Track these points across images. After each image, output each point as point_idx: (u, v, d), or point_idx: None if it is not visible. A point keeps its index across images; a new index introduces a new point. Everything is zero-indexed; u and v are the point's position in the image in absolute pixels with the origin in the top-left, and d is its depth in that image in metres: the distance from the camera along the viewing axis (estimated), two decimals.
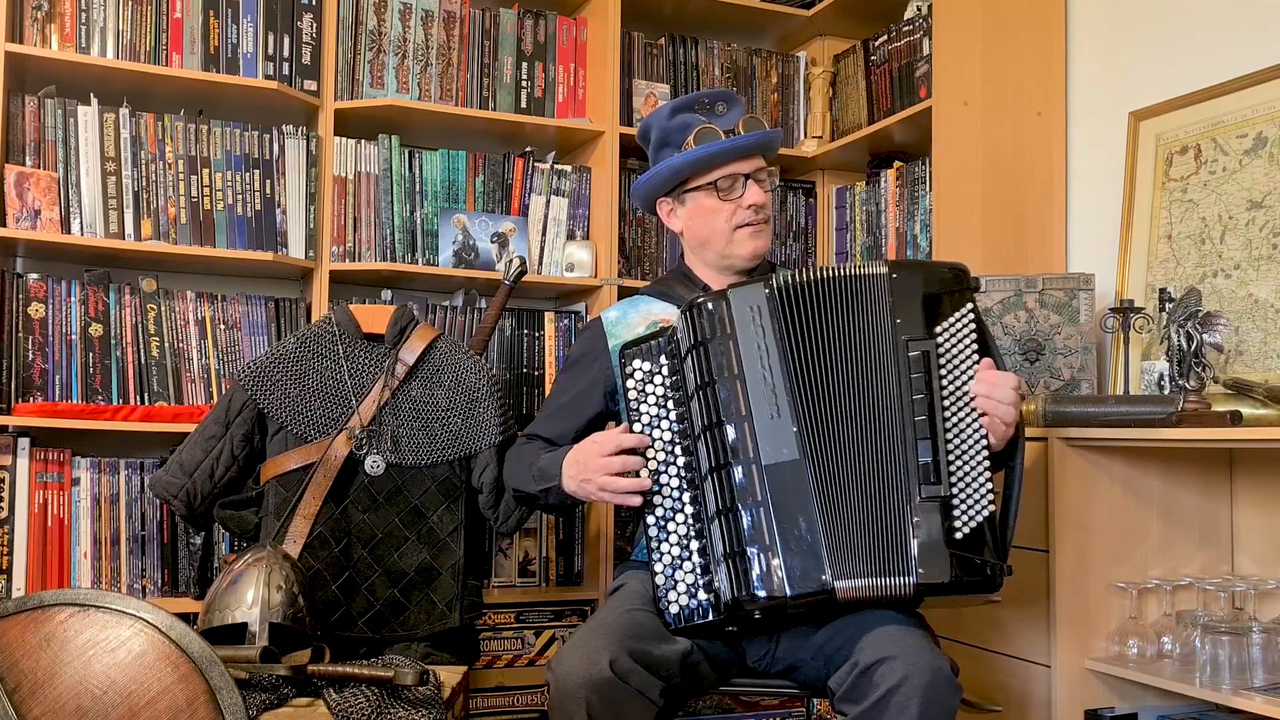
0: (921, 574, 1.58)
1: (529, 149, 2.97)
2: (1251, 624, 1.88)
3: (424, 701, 1.66)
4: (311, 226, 2.70)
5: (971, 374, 1.65)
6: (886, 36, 2.96)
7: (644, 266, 3.02)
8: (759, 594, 1.59)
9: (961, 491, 1.61)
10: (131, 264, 2.64)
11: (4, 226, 2.41)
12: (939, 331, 1.66)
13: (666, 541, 1.70)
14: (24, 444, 2.41)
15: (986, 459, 1.63)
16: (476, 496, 2.23)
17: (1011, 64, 2.63)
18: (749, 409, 1.64)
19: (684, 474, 1.71)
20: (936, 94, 2.67)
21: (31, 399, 2.45)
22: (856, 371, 1.66)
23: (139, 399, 2.54)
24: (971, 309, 1.68)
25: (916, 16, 2.86)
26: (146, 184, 2.57)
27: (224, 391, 2.28)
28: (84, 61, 2.49)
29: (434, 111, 2.78)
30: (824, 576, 1.59)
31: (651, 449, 1.73)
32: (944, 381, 1.64)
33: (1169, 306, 2.15)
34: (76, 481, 2.47)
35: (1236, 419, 1.86)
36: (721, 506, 1.64)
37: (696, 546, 1.68)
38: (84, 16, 2.54)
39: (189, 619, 1.58)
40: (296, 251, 2.68)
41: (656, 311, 1.96)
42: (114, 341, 2.53)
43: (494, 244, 2.84)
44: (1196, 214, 2.32)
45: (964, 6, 2.64)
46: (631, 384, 1.76)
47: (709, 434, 1.66)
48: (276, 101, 2.68)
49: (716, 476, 1.65)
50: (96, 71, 2.52)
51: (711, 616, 1.66)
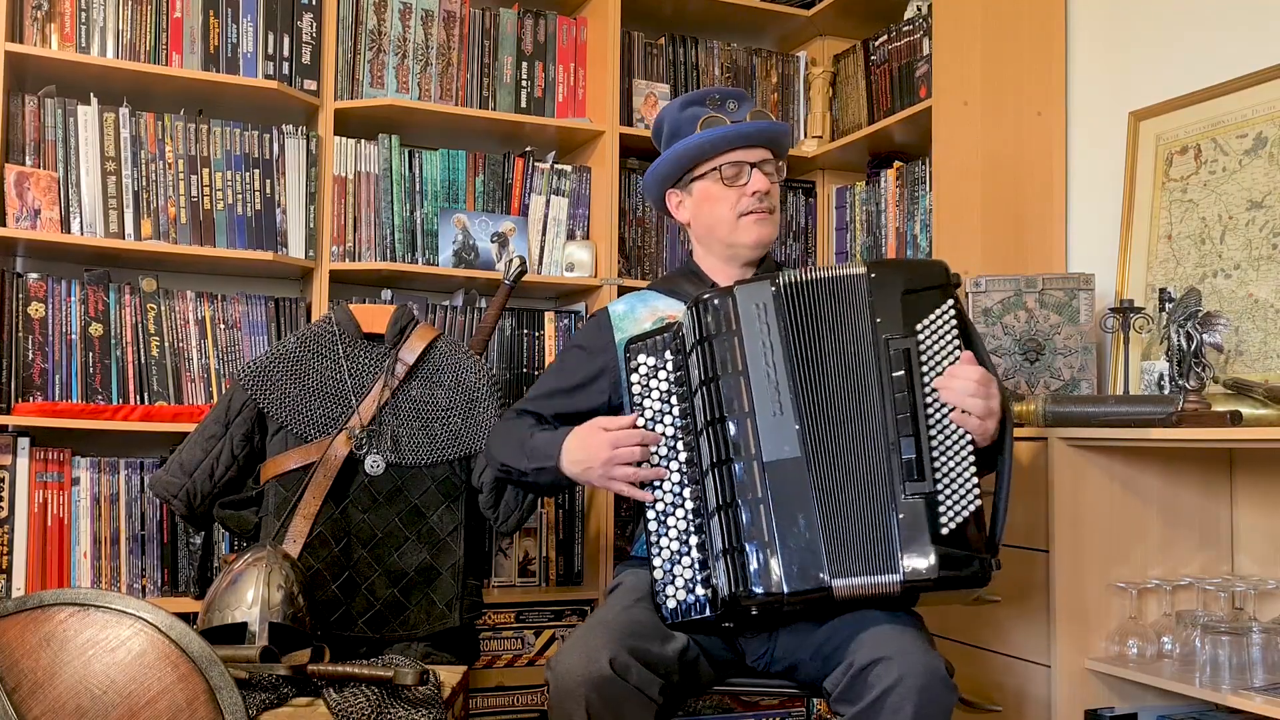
0: (908, 571, 1.58)
1: (529, 149, 2.97)
2: (1251, 624, 1.88)
3: (424, 701, 1.66)
4: (311, 226, 2.70)
5: None
6: (886, 36, 2.96)
7: (644, 266, 3.02)
8: (756, 590, 1.59)
9: (946, 487, 1.61)
10: (131, 264, 2.64)
11: (4, 226, 2.41)
12: (920, 329, 1.66)
13: (666, 536, 1.71)
14: (24, 444, 2.41)
15: (972, 454, 1.63)
16: (476, 496, 2.23)
17: (1011, 64, 2.63)
18: (752, 405, 1.65)
19: (685, 470, 1.71)
20: (936, 94, 2.67)
21: (31, 399, 2.45)
22: (846, 371, 1.67)
23: (139, 399, 2.54)
24: (953, 305, 1.68)
25: (916, 16, 2.86)
26: (146, 184, 2.57)
27: (224, 391, 2.28)
28: (84, 61, 2.49)
29: (434, 111, 2.78)
30: (821, 575, 1.59)
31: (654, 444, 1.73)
32: (926, 378, 1.65)
33: (1169, 306, 2.15)
34: (76, 481, 2.47)
35: (1236, 419, 1.86)
36: (722, 502, 1.64)
37: (696, 542, 1.68)
38: (84, 16, 2.53)
39: (189, 619, 1.58)
40: (296, 251, 2.68)
41: (663, 308, 1.96)
42: (114, 341, 2.53)
43: (494, 244, 2.84)
44: (1196, 214, 2.32)
45: (964, 6, 2.64)
46: (635, 378, 1.77)
47: (711, 429, 1.66)
48: (276, 101, 2.68)
49: (717, 472, 1.65)
50: (96, 71, 2.52)
51: (709, 612, 1.66)
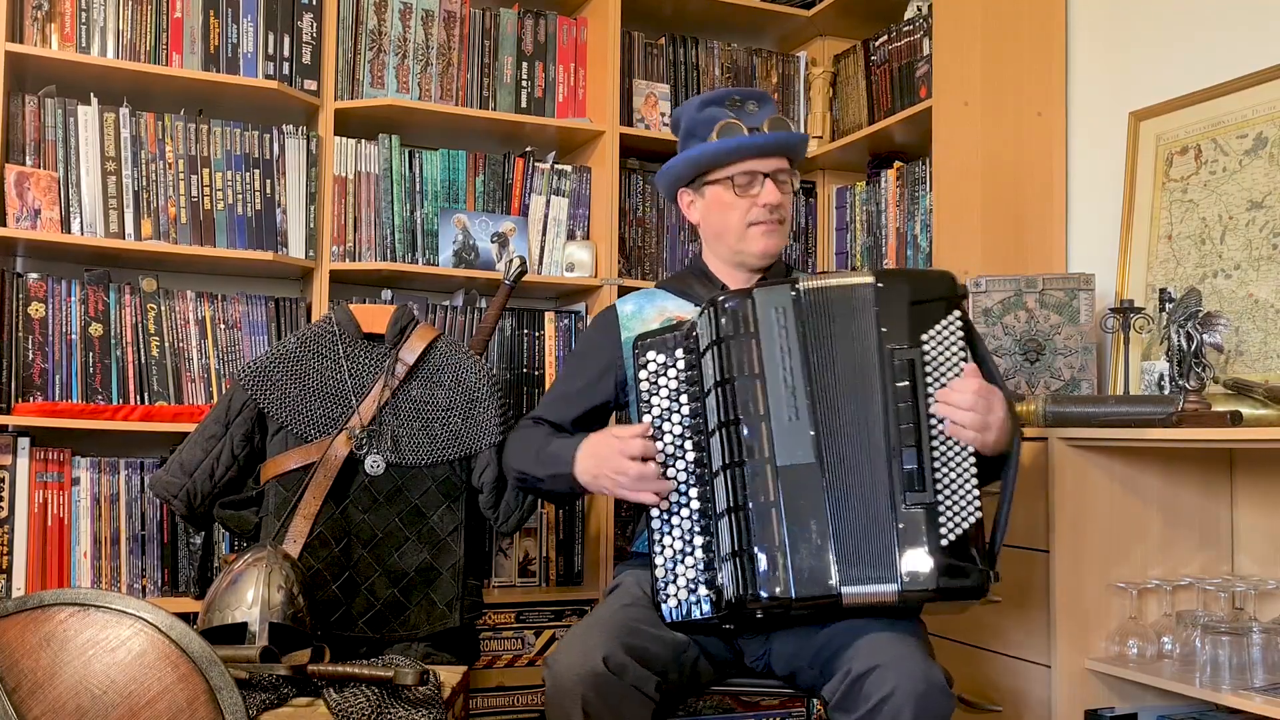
0: (905, 581, 1.58)
1: (529, 149, 2.97)
2: (1251, 624, 1.88)
3: (424, 701, 1.66)
4: (311, 226, 2.70)
5: None
6: (886, 36, 2.96)
7: (644, 266, 3.02)
8: (763, 594, 1.59)
9: (947, 498, 1.60)
10: (131, 264, 2.64)
11: (4, 226, 2.41)
12: (925, 340, 1.65)
13: (669, 535, 1.70)
14: (24, 444, 2.41)
15: (974, 465, 1.63)
16: (477, 496, 2.23)
17: (1011, 64, 2.63)
18: (768, 409, 1.64)
19: (692, 469, 1.70)
20: (936, 94, 2.67)
21: (31, 399, 2.45)
22: (852, 379, 1.66)
23: (139, 399, 2.54)
24: (959, 316, 1.67)
25: (916, 16, 2.86)
26: (146, 184, 2.57)
27: (224, 391, 2.28)
28: (84, 61, 2.49)
29: (434, 111, 2.78)
30: (830, 581, 1.58)
31: (660, 441, 1.72)
32: (930, 389, 1.64)
33: (1169, 307, 2.15)
34: (76, 481, 2.47)
35: (1236, 419, 1.86)
36: (732, 504, 1.63)
37: (700, 542, 1.68)
38: (84, 16, 2.53)
39: (189, 619, 1.58)
40: (296, 251, 2.68)
41: (672, 309, 1.96)
42: (114, 341, 2.53)
43: (494, 244, 2.84)
44: (1196, 214, 2.32)
45: (964, 6, 2.64)
46: (644, 374, 1.75)
47: (724, 430, 1.65)
48: (276, 101, 2.68)
49: (729, 473, 1.64)
50: (96, 71, 2.52)
51: (710, 613, 1.65)
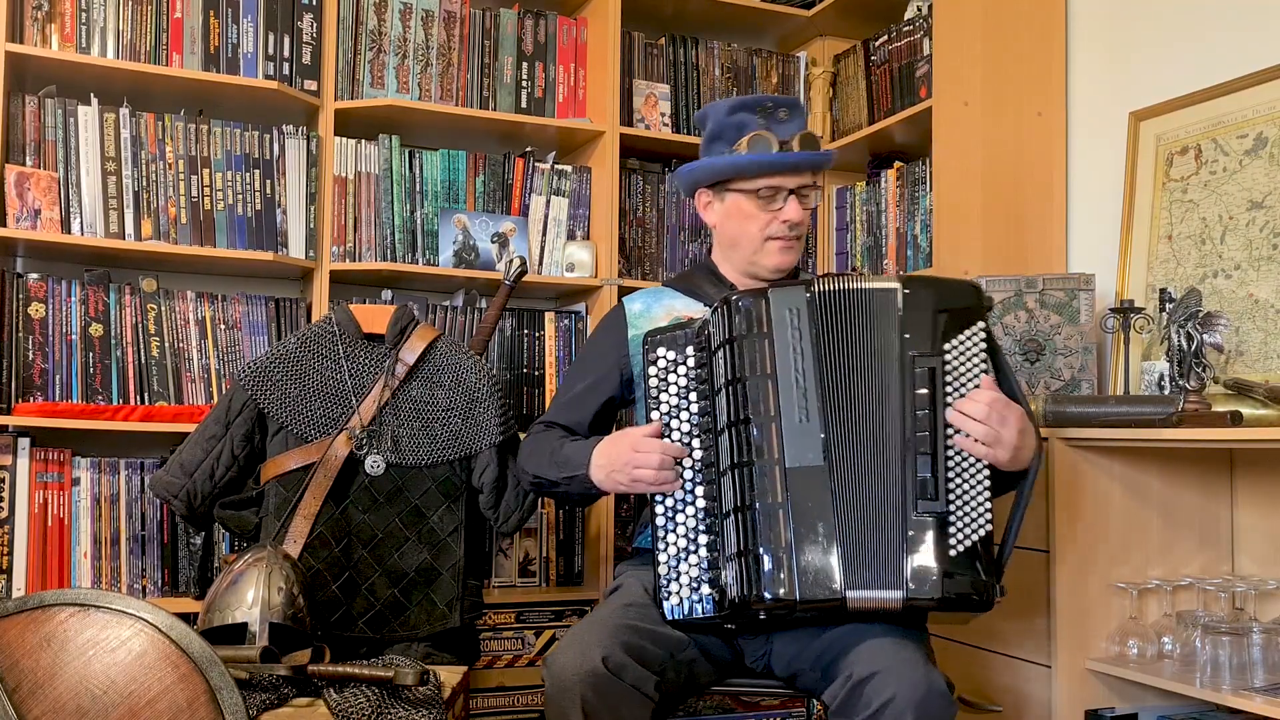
0: (912, 589, 1.57)
1: (529, 149, 2.97)
2: (1252, 624, 1.88)
3: (424, 701, 1.66)
4: (312, 226, 2.70)
5: None
6: (887, 37, 2.96)
7: (644, 266, 3.02)
8: (767, 595, 1.58)
9: (959, 509, 1.60)
10: (131, 264, 2.64)
11: (4, 226, 2.41)
12: (947, 349, 1.65)
13: (673, 533, 1.70)
14: (24, 444, 2.41)
15: (987, 478, 1.62)
16: (477, 496, 2.23)
17: (1011, 64, 2.63)
18: (778, 410, 1.63)
19: (699, 467, 1.70)
20: (937, 94, 2.67)
21: (31, 399, 2.45)
22: (872, 384, 1.65)
23: (139, 399, 2.54)
24: (983, 328, 1.67)
25: (917, 16, 2.86)
26: (146, 184, 2.57)
27: (224, 391, 2.28)
28: (84, 61, 2.49)
29: (434, 111, 2.78)
30: (835, 585, 1.58)
31: (668, 439, 1.72)
32: (949, 399, 1.63)
33: (1169, 307, 2.15)
34: (76, 481, 2.47)
35: (1237, 419, 1.86)
36: (739, 504, 1.62)
37: (705, 541, 1.67)
38: (84, 16, 2.53)
39: (189, 619, 1.58)
40: (297, 251, 2.68)
41: (680, 308, 1.95)
42: (114, 341, 2.53)
43: (494, 244, 2.84)
44: (1197, 214, 2.32)
45: (964, 6, 2.64)
46: (654, 371, 1.75)
47: (733, 430, 1.64)
48: (277, 101, 2.68)
49: (737, 473, 1.63)
50: (96, 71, 2.52)
51: (713, 612, 1.65)
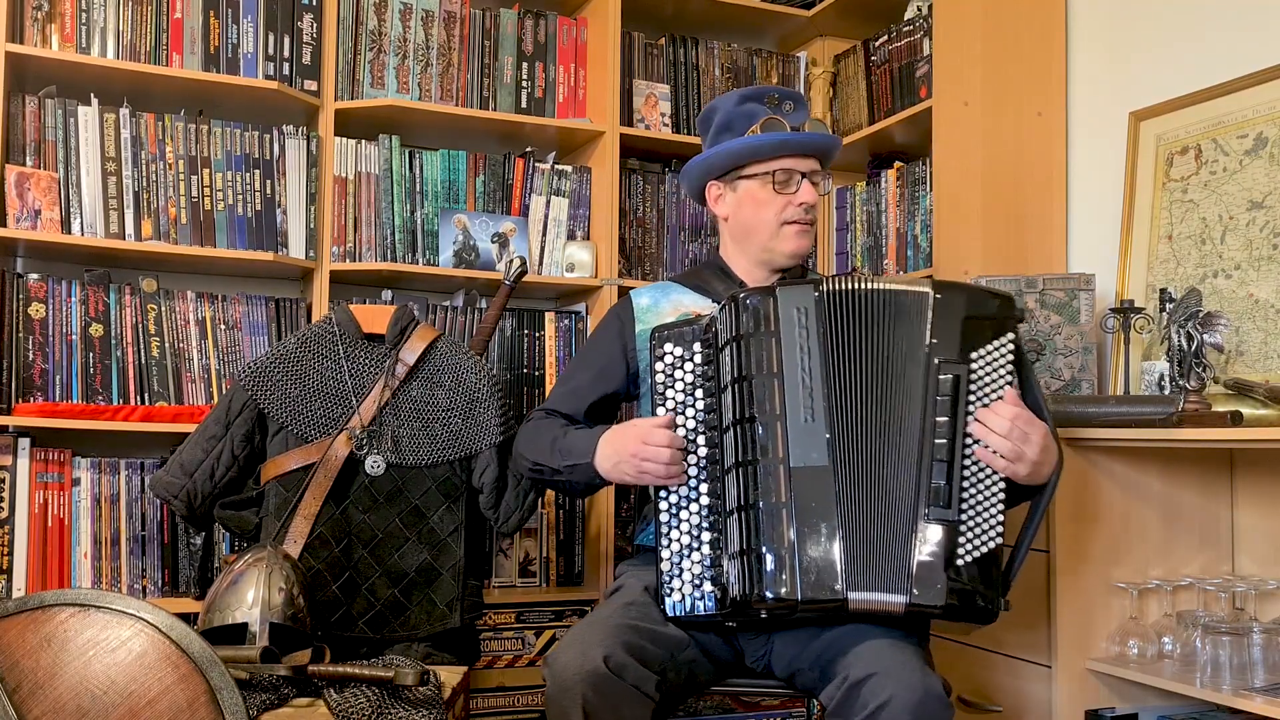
0: (916, 595, 1.57)
1: (529, 149, 2.97)
2: (1252, 624, 1.88)
3: (424, 702, 1.66)
4: (312, 226, 2.70)
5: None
6: (887, 37, 2.96)
7: (644, 266, 3.02)
8: (769, 594, 1.58)
9: (970, 519, 1.60)
10: (132, 264, 2.64)
11: (4, 226, 2.41)
12: (974, 358, 1.64)
13: (677, 529, 1.69)
14: (24, 444, 2.41)
15: (1002, 490, 1.62)
16: (477, 496, 2.23)
17: (1011, 64, 2.63)
18: (784, 409, 1.63)
19: (703, 464, 1.70)
20: (937, 94, 2.67)
21: (32, 399, 2.45)
22: (887, 386, 1.64)
23: (139, 399, 2.54)
24: (1012, 339, 1.66)
25: (917, 17, 2.86)
26: (147, 184, 2.57)
27: (224, 391, 2.28)
28: (84, 61, 2.49)
29: (434, 111, 2.78)
30: (837, 585, 1.57)
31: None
32: (971, 408, 1.62)
33: (1169, 307, 2.15)
34: (77, 482, 2.47)
35: (1237, 419, 1.86)
36: (742, 502, 1.62)
37: (708, 538, 1.67)
38: (84, 17, 2.53)
39: (189, 619, 1.58)
40: (297, 251, 2.68)
41: (688, 303, 1.95)
42: (114, 341, 2.53)
43: (494, 244, 2.84)
44: (1197, 214, 2.32)
45: (964, 6, 2.64)
46: (660, 366, 1.74)
47: (739, 428, 1.64)
48: (277, 101, 2.68)
49: (741, 471, 1.63)
50: (97, 71, 2.51)
51: (714, 610, 1.65)
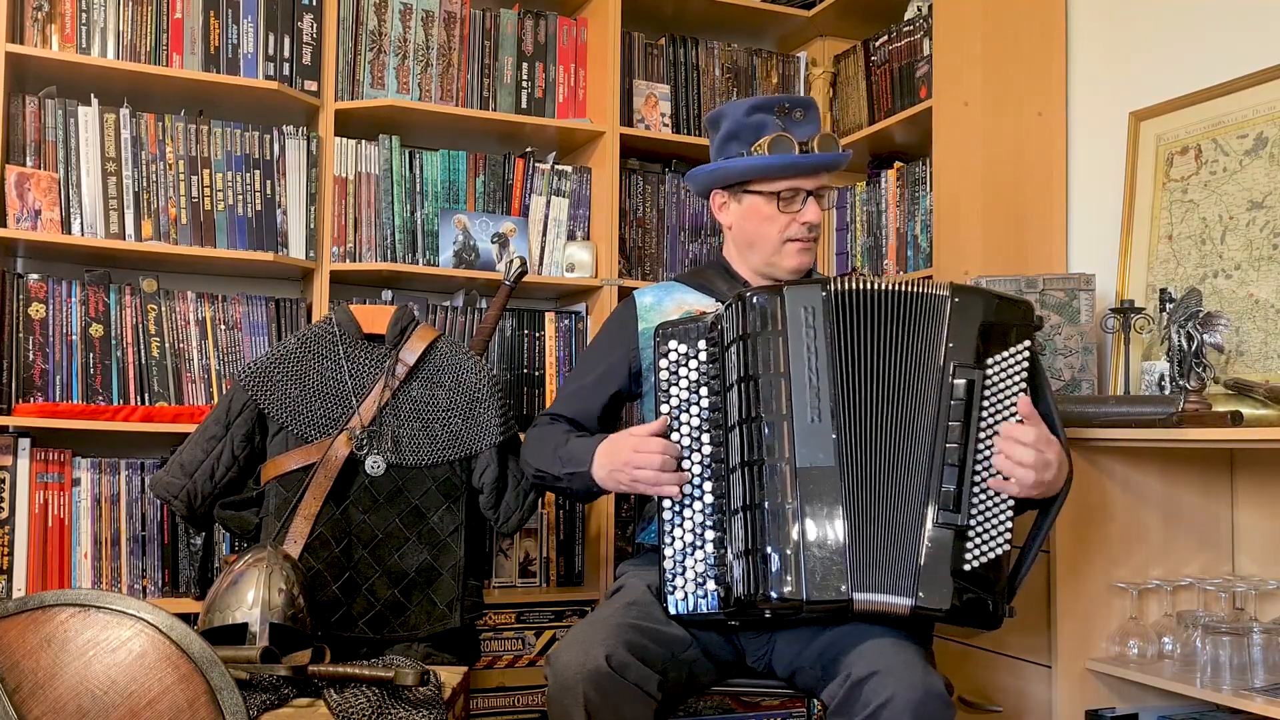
0: (921, 597, 1.57)
1: (529, 149, 2.97)
2: (1252, 624, 1.88)
3: (425, 702, 1.66)
4: (312, 227, 2.70)
5: (1014, 411, 1.63)
6: (887, 37, 2.96)
7: (644, 267, 3.02)
8: (773, 594, 1.58)
9: (979, 525, 1.59)
10: (132, 264, 2.64)
11: (4, 227, 2.41)
12: (990, 363, 1.63)
13: (680, 528, 1.69)
14: (24, 444, 2.41)
15: (1013, 497, 1.62)
16: (477, 497, 2.23)
17: (1011, 64, 2.63)
18: (790, 409, 1.62)
19: (707, 462, 1.69)
20: (937, 94, 2.67)
21: (32, 399, 2.45)
22: (898, 388, 1.64)
23: (139, 399, 2.54)
24: (1028, 347, 1.65)
25: (917, 17, 2.86)
26: (147, 184, 2.57)
27: (224, 392, 2.28)
28: (84, 62, 2.49)
29: (434, 112, 2.78)
30: (842, 586, 1.57)
31: (677, 433, 1.71)
32: (984, 413, 1.62)
33: (1169, 307, 2.15)
34: (77, 482, 2.47)
35: (1237, 419, 1.86)
36: (747, 502, 1.62)
37: (712, 537, 1.66)
38: (84, 17, 2.53)
39: (189, 619, 1.58)
40: (297, 252, 2.68)
41: (692, 302, 1.95)
42: (114, 342, 2.53)
43: (494, 244, 2.84)
44: (1197, 214, 2.32)
45: (964, 7, 2.64)
46: (665, 364, 1.74)
47: (744, 428, 1.63)
48: (277, 102, 2.68)
49: (747, 471, 1.62)
50: (97, 72, 2.52)
51: (717, 609, 1.64)
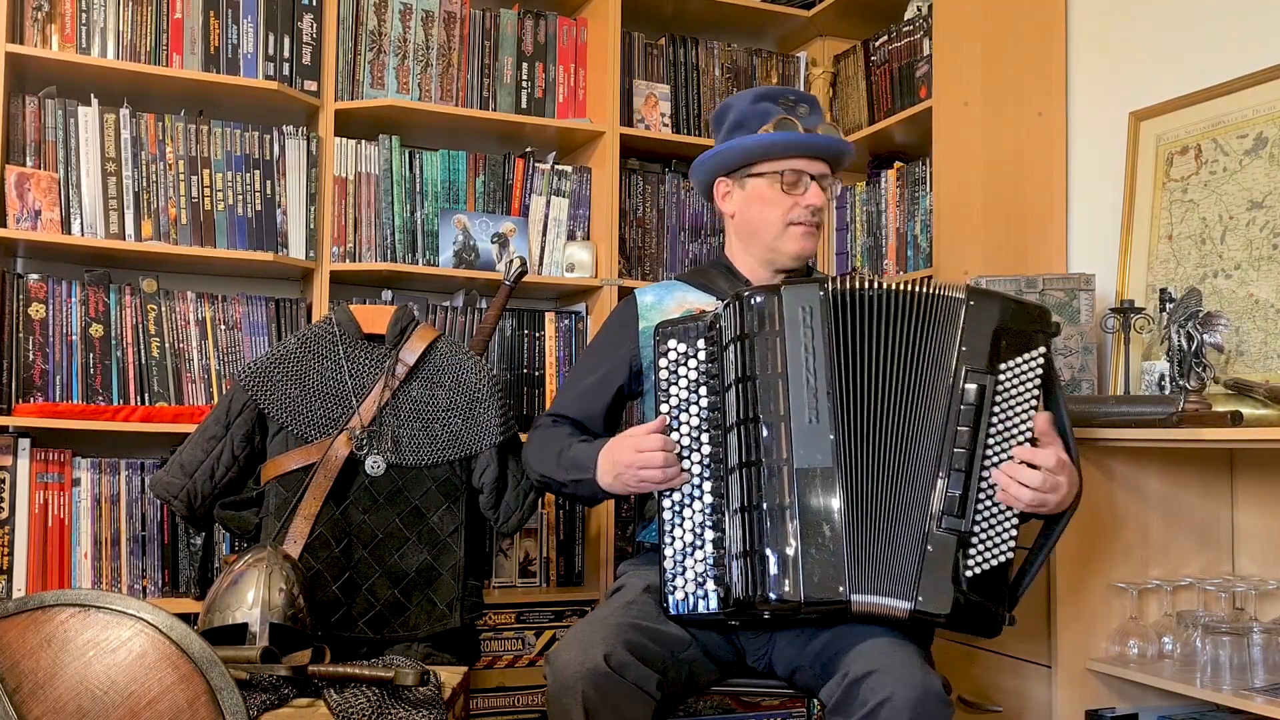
0: (921, 601, 1.57)
1: (529, 149, 2.97)
2: (1252, 624, 1.88)
3: (425, 702, 1.66)
4: (312, 227, 2.70)
5: (1025, 418, 1.62)
6: (886, 37, 2.96)
7: (644, 267, 3.02)
8: (772, 596, 1.57)
9: (983, 532, 1.59)
10: (132, 264, 2.64)
11: (4, 227, 2.41)
12: (1002, 369, 1.62)
13: (680, 528, 1.68)
14: (24, 444, 2.41)
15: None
16: (477, 497, 2.23)
17: (1011, 64, 2.63)
18: (788, 410, 1.61)
19: (706, 462, 1.69)
20: (937, 94, 2.67)
21: (32, 399, 2.45)
22: (905, 390, 1.63)
23: (139, 399, 2.54)
24: (1043, 354, 1.64)
25: (916, 17, 2.86)
26: (147, 184, 2.57)
27: (224, 392, 2.28)
28: (84, 62, 2.49)
29: (434, 112, 2.78)
30: (841, 588, 1.57)
31: (676, 432, 1.71)
32: (994, 419, 1.61)
33: (1169, 307, 2.15)
34: (77, 482, 2.47)
35: (1237, 419, 1.86)
36: (746, 503, 1.61)
37: (711, 537, 1.66)
38: (84, 17, 2.53)
39: (189, 619, 1.58)
40: (297, 252, 2.68)
41: (693, 300, 1.94)
42: (114, 342, 2.53)
43: (494, 244, 2.84)
44: (1197, 214, 2.32)
45: (964, 6, 2.64)
46: (664, 363, 1.73)
47: (742, 428, 1.63)
48: (277, 102, 2.68)
49: (745, 472, 1.62)
50: (97, 72, 2.52)
51: (716, 609, 1.64)
